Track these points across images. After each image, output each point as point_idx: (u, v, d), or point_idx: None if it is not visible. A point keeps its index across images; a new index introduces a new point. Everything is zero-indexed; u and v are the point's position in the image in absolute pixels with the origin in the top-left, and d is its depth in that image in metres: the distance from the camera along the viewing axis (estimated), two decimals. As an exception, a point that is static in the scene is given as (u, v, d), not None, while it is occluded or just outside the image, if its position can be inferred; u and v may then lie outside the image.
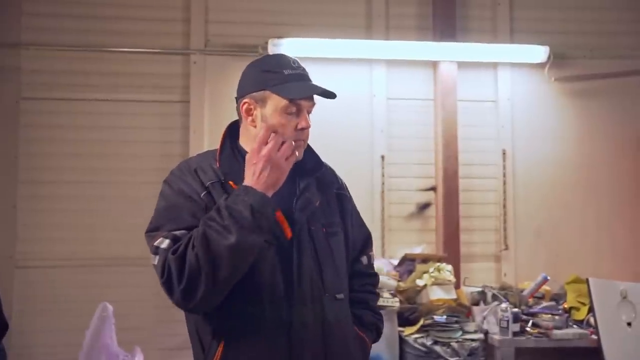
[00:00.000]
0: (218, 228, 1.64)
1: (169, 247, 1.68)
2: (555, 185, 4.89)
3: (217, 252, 1.63)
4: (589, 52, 4.94)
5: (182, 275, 1.63)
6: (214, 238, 1.63)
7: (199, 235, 1.65)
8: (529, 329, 4.06)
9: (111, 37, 4.61)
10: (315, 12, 4.76)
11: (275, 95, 1.80)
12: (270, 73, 1.81)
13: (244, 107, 1.83)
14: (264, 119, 1.81)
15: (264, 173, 1.71)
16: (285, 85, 1.80)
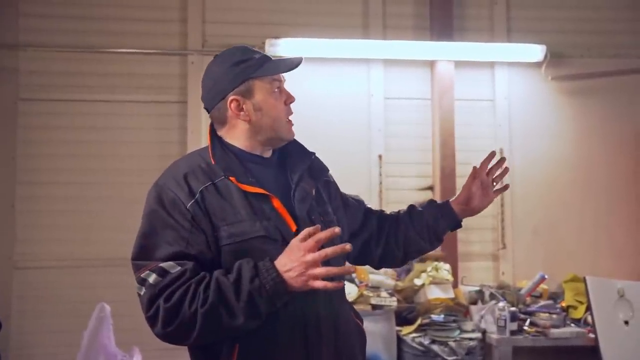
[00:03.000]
0: (230, 307, 1.59)
1: (156, 283, 1.62)
2: (553, 184, 4.90)
3: (219, 325, 1.60)
4: (586, 51, 4.95)
5: (171, 323, 1.61)
6: (222, 315, 1.59)
7: (208, 301, 1.58)
8: (527, 328, 4.06)
9: (108, 38, 4.61)
10: (312, 12, 4.77)
11: (258, 81, 1.79)
12: (243, 63, 1.79)
13: (232, 104, 1.79)
14: (257, 107, 1.79)
15: (295, 275, 1.59)
16: (263, 68, 1.79)
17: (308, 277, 1.59)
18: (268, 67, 1.80)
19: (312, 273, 1.58)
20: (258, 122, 1.80)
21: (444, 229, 2.14)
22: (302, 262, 1.58)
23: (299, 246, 1.59)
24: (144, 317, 1.64)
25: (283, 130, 1.83)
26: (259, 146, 1.83)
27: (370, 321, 3.88)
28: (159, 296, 1.61)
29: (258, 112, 1.79)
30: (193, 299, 1.59)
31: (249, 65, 1.78)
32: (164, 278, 1.62)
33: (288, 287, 1.59)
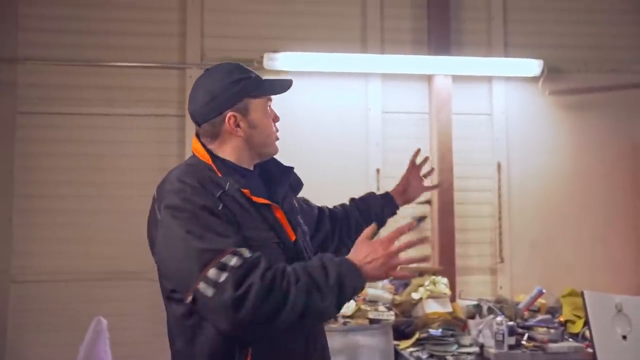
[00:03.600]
0: (321, 288, 1.68)
1: (241, 263, 1.64)
2: (551, 197, 4.90)
3: (309, 306, 1.66)
4: (583, 66, 4.98)
5: (264, 300, 1.62)
6: (313, 294, 1.66)
7: (300, 280, 1.66)
8: (525, 342, 4.04)
9: (107, 51, 4.63)
10: (310, 26, 4.79)
11: (255, 100, 1.89)
12: (242, 82, 1.89)
13: (230, 121, 1.87)
14: (252, 125, 1.89)
15: (376, 266, 1.76)
16: (261, 88, 1.92)
17: (389, 267, 1.77)
18: (265, 88, 1.92)
19: (393, 263, 1.77)
20: (251, 138, 1.90)
21: (388, 216, 2.50)
22: (386, 254, 1.76)
23: (386, 243, 1.78)
24: (226, 300, 1.61)
25: (272, 146, 1.97)
26: (247, 160, 1.94)
27: (367, 335, 3.88)
28: (248, 274, 1.63)
29: (253, 129, 1.89)
30: (282, 277, 1.66)
31: (248, 84, 1.88)
32: (246, 260, 1.65)
33: (364, 275, 1.75)
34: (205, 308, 1.65)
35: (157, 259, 1.82)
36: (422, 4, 4.86)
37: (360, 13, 4.85)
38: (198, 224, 1.70)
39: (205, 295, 1.62)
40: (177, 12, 4.69)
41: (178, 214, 1.72)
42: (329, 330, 3.79)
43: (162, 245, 1.76)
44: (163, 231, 1.75)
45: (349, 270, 1.73)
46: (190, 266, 1.65)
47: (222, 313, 1.61)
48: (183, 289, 1.69)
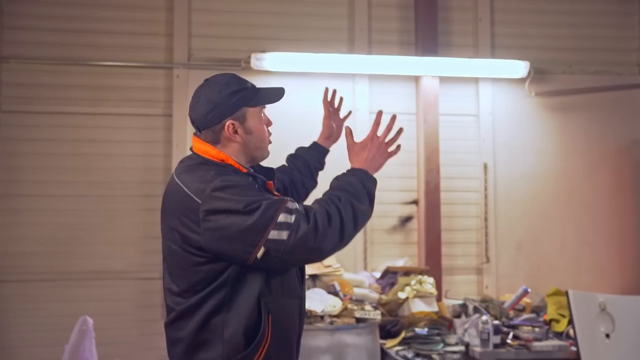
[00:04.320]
0: (356, 195, 1.99)
1: (298, 207, 1.94)
2: (536, 198, 4.94)
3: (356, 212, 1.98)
4: (568, 68, 5.02)
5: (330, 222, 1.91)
6: (354, 202, 1.98)
7: (341, 198, 1.97)
8: (510, 341, 4.08)
9: (93, 50, 4.61)
10: (298, 27, 4.80)
11: (252, 109, 2.10)
12: (241, 92, 2.09)
13: (229, 128, 2.07)
14: (249, 131, 2.10)
15: (376, 159, 2.11)
16: (257, 98, 2.11)
17: (386, 154, 2.12)
18: (260, 97, 2.12)
19: (386, 149, 2.12)
20: (248, 143, 2.11)
21: (323, 164, 2.71)
22: (378, 145, 2.10)
23: (375, 138, 2.10)
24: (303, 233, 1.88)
25: (265, 150, 2.17)
26: (243, 163, 2.12)
27: (354, 334, 3.89)
28: (309, 210, 1.94)
29: (249, 135, 2.10)
30: (329, 202, 1.96)
31: (245, 95, 2.09)
32: (299, 203, 1.97)
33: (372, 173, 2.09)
34: (281, 251, 1.89)
35: (208, 241, 1.94)
36: (410, 6, 4.88)
37: (348, 14, 4.86)
38: (251, 191, 1.97)
39: (280, 240, 1.88)
40: (164, 11, 4.69)
41: (229, 189, 1.94)
42: (315, 329, 3.83)
43: (215, 224, 1.92)
44: (214, 213, 1.92)
45: (363, 174, 2.06)
46: (256, 222, 1.88)
47: (302, 245, 1.89)
48: (247, 250, 1.89)
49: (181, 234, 1.98)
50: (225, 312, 1.97)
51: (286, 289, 2.06)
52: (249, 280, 1.98)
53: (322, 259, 2.02)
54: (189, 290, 2.00)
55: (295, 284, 2.11)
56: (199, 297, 1.98)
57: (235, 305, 1.97)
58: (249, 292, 1.98)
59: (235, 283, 1.97)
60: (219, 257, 1.95)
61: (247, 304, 1.97)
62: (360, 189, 2.02)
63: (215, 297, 1.97)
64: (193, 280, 1.99)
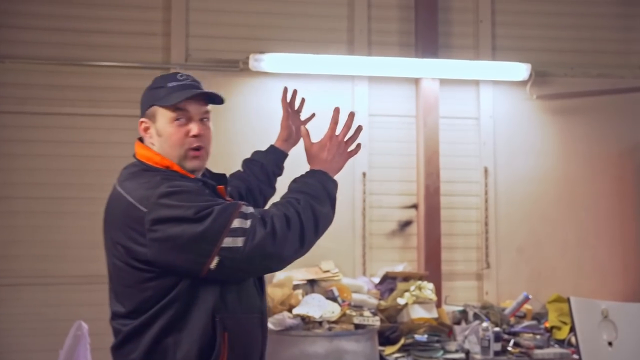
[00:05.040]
0: (316, 198, 1.89)
1: (254, 211, 1.82)
2: (537, 203, 4.88)
3: (316, 216, 1.87)
4: (570, 70, 4.96)
5: (288, 227, 1.80)
6: (314, 205, 1.87)
7: (302, 202, 1.86)
8: (511, 349, 4.02)
9: (90, 50, 4.55)
10: (297, 28, 4.74)
11: (161, 108, 1.96)
12: (157, 89, 1.99)
13: (142, 126, 2.01)
14: (158, 133, 1.97)
15: (336, 159, 2.00)
16: (168, 96, 1.95)
17: (346, 153, 2.02)
18: (168, 98, 1.95)
19: (346, 148, 2.01)
20: (160, 145, 1.98)
21: (282, 169, 2.59)
22: (337, 144, 1.99)
23: (334, 137, 1.99)
24: (260, 239, 1.76)
25: (183, 160, 1.97)
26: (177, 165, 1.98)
27: (352, 340, 3.83)
28: (265, 214, 1.82)
29: (159, 137, 1.97)
30: (287, 205, 1.85)
31: (159, 93, 1.97)
32: (256, 208, 1.86)
33: (332, 175, 1.99)
34: (236, 260, 1.76)
35: (155, 253, 1.80)
36: (410, 7, 4.82)
37: (347, 15, 4.80)
38: (202, 196, 1.83)
39: (235, 247, 1.75)
40: (161, 11, 4.63)
41: (177, 195, 1.80)
42: (314, 335, 3.77)
43: (163, 234, 1.78)
44: (162, 222, 1.79)
45: (322, 175, 1.96)
46: (208, 229, 1.75)
47: (259, 252, 1.76)
48: (200, 261, 1.76)
49: (125, 247, 1.85)
50: (177, 331, 1.83)
51: (244, 304, 1.93)
52: (202, 296, 1.84)
53: (281, 267, 1.89)
54: (137, 311, 1.86)
55: (254, 297, 1.99)
56: (147, 316, 1.84)
57: (187, 323, 1.83)
58: (202, 308, 1.84)
59: (186, 299, 1.83)
60: (169, 270, 1.81)
61: (201, 322, 1.83)
62: (321, 190, 1.91)
63: (165, 316, 1.83)
64: (140, 299, 1.85)
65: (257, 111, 4.58)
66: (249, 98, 4.62)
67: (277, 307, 3.97)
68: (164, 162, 1.94)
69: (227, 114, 4.57)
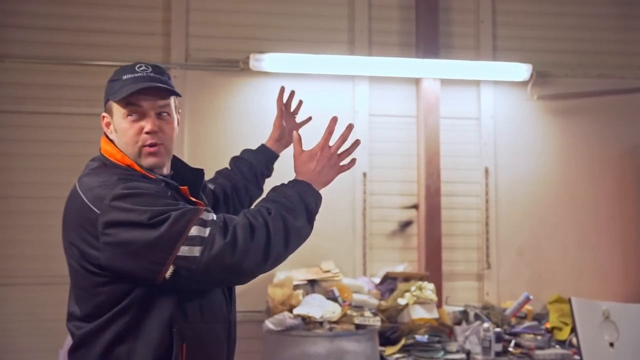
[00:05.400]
0: (291, 210, 1.77)
1: (216, 217, 1.71)
2: (538, 203, 4.87)
3: (287, 230, 1.75)
4: (571, 71, 4.95)
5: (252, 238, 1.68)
6: (287, 217, 1.75)
7: (274, 213, 1.74)
8: (512, 349, 4.01)
9: (89, 50, 4.53)
10: (297, 28, 4.72)
11: (115, 104, 1.85)
12: (113, 82, 1.87)
13: (104, 121, 1.91)
14: (116, 129, 1.87)
15: (325, 171, 1.88)
16: (119, 90, 1.83)
17: (337, 167, 1.89)
18: (119, 92, 1.83)
19: (338, 162, 1.89)
20: (118, 142, 1.87)
21: (271, 170, 2.49)
22: (329, 156, 1.87)
23: (326, 147, 1.87)
24: (218, 250, 1.65)
25: (136, 156, 1.86)
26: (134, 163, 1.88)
27: (353, 341, 3.81)
28: (227, 222, 1.70)
29: (116, 133, 1.87)
30: (256, 214, 1.73)
31: (114, 86, 1.86)
32: (216, 214, 1.74)
33: (318, 187, 1.86)
34: (193, 270, 1.65)
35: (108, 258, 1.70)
36: (411, 7, 4.81)
37: (348, 15, 4.79)
38: (160, 200, 1.72)
39: (192, 257, 1.64)
40: (161, 11, 4.61)
41: (132, 198, 1.69)
42: (314, 335, 3.75)
43: (115, 239, 1.68)
44: (115, 226, 1.69)
45: (304, 187, 1.83)
46: (163, 236, 1.65)
47: (217, 264, 1.65)
48: (154, 269, 1.66)
49: (79, 249, 1.74)
50: (131, 340, 1.73)
51: (206, 313, 1.81)
52: (158, 304, 1.74)
53: (243, 281, 1.77)
54: (91, 315, 1.76)
55: (221, 306, 1.88)
56: (101, 321, 1.74)
57: (142, 332, 1.73)
58: (158, 317, 1.74)
59: (141, 307, 1.73)
60: (122, 276, 1.71)
61: (157, 332, 1.74)
62: (298, 202, 1.79)
63: (119, 323, 1.73)
64: (94, 303, 1.75)
65: (258, 111, 4.55)
66: (249, 98, 4.60)
67: (278, 307, 3.95)
68: (125, 161, 1.84)
69: (227, 114, 4.56)
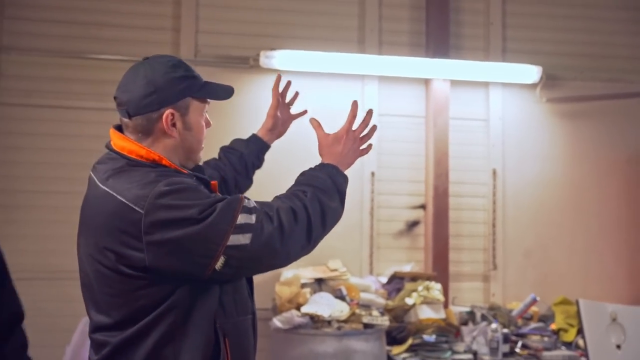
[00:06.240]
0: (325, 191, 1.83)
1: (255, 204, 1.73)
2: (545, 205, 4.87)
3: (324, 210, 1.80)
4: (580, 74, 4.95)
5: (296, 221, 1.73)
6: (323, 199, 1.81)
7: (310, 195, 1.79)
8: (519, 350, 4.01)
9: (98, 44, 4.50)
10: (308, 25, 4.71)
11: (196, 102, 1.83)
12: (188, 80, 1.81)
13: (168, 119, 1.78)
14: (188, 127, 1.82)
15: (350, 154, 1.97)
16: (206, 89, 1.85)
17: (360, 150, 1.99)
18: (209, 90, 1.85)
19: (360, 145, 2.00)
20: (184, 141, 1.82)
21: (262, 161, 2.47)
22: (353, 139, 1.98)
23: (351, 131, 1.99)
24: (268, 235, 1.68)
25: (198, 153, 1.90)
26: (176, 164, 1.84)
27: (361, 340, 3.80)
28: (269, 207, 1.73)
29: (187, 131, 1.82)
30: (293, 197, 1.79)
31: (193, 83, 1.81)
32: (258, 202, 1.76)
33: (343, 168, 1.93)
34: (244, 258, 1.66)
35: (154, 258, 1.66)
36: (421, 7, 4.80)
37: (358, 13, 4.78)
38: (202, 193, 1.71)
39: (242, 245, 1.65)
40: (171, 6, 4.59)
41: (177, 194, 1.67)
42: (323, 334, 3.74)
43: (162, 237, 1.65)
44: (162, 224, 1.65)
45: (333, 169, 1.89)
46: (213, 228, 1.64)
47: (268, 249, 1.67)
48: (204, 263, 1.65)
49: (117, 253, 1.68)
50: (177, 341, 1.69)
51: (239, 306, 1.82)
52: (202, 301, 1.71)
53: (286, 265, 1.79)
54: (127, 321, 1.70)
55: (247, 299, 1.89)
56: (141, 326, 1.68)
57: (188, 331, 1.70)
58: (203, 314, 1.71)
59: (185, 305, 1.70)
60: (167, 275, 1.67)
61: (203, 329, 1.71)
62: (330, 184, 1.84)
63: (163, 325, 1.68)
64: (132, 308, 1.69)
65: (267, 109, 4.52)
66: (258, 95, 4.58)
67: (285, 305, 3.94)
68: (150, 156, 1.77)
69: (236, 111, 4.54)
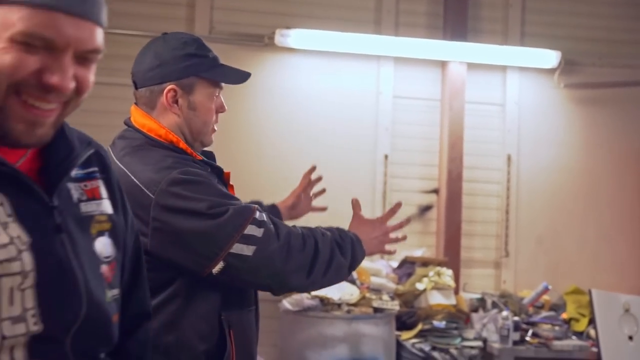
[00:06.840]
0: (340, 246, 1.79)
1: (268, 219, 1.70)
2: (558, 193, 4.82)
3: (331, 261, 1.76)
4: (598, 60, 4.86)
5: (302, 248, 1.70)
6: (335, 250, 1.77)
7: (326, 239, 1.76)
8: (529, 339, 3.98)
9: (110, 18, 4.33)
10: (324, 5, 4.63)
11: (204, 82, 1.78)
12: (197, 58, 1.78)
13: (169, 94, 1.76)
14: (192, 107, 1.78)
15: (376, 243, 1.93)
16: (216, 70, 1.80)
17: (386, 244, 1.96)
18: (218, 72, 1.81)
19: (389, 240, 1.96)
20: (187, 120, 1.79)
21: None
22: (384, 232, 1.94)
23: (384, 225, 1.95)
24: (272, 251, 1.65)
25: (207, 136, 1.84)
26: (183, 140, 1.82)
27: (371, 324, 3.78)
28: (280, 226, 1.71)
29: (191, 111, 1.79)
30: (310, 231, 1.76)
31: (201, 62, 1.77)
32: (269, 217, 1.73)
33: (366, 250, 1.89)
34: (242, 269, 1.63)
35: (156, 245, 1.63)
36: (439, -12, 4.72)
37: (375, -7, 4.70)
38: (216, 190, 1.68)
39: (244, 255, 1.61)
40: (186, -19, 4.53)
41: (190, 185, 1.65)
42: (332, 317, 3.72)
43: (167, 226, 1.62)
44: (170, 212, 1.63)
45: (358, 241, 1.85)
46: (220, 229, 1.61)
47: (268, 266, 1.64)
48: (202, 263, 1.62)
49: None
50: (180, 330, 1.66)
51: (245, 299, 1.79)
52: (206, 291, 1.68)
53: (279, 290, 1.78)
54: None
55: (250, 290, 1.85)
56: None
57: (190, 321, 1.66)
58: (207, 305, 1.68)
59: (188, 295, 1.66)
60: (166, 264, 1.63)
61: (206, 319, 1.68)
62: (349, 244, 1.81)
63: (164, 312, 1.63)
64: None
65: (281, 88, 4.49)
66: (272, 74, 4.52)
67: (295, 287, 3.91)
68: (169, 137, 1.75)
69: (250, 91, 4.47)
